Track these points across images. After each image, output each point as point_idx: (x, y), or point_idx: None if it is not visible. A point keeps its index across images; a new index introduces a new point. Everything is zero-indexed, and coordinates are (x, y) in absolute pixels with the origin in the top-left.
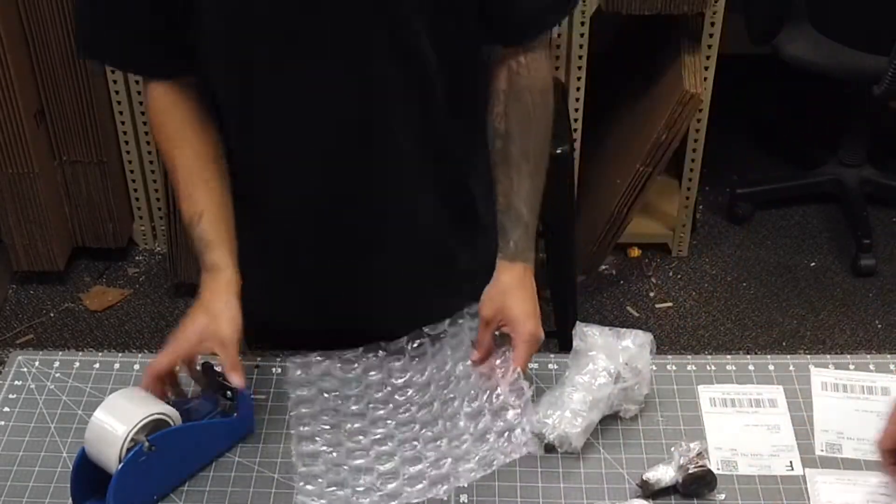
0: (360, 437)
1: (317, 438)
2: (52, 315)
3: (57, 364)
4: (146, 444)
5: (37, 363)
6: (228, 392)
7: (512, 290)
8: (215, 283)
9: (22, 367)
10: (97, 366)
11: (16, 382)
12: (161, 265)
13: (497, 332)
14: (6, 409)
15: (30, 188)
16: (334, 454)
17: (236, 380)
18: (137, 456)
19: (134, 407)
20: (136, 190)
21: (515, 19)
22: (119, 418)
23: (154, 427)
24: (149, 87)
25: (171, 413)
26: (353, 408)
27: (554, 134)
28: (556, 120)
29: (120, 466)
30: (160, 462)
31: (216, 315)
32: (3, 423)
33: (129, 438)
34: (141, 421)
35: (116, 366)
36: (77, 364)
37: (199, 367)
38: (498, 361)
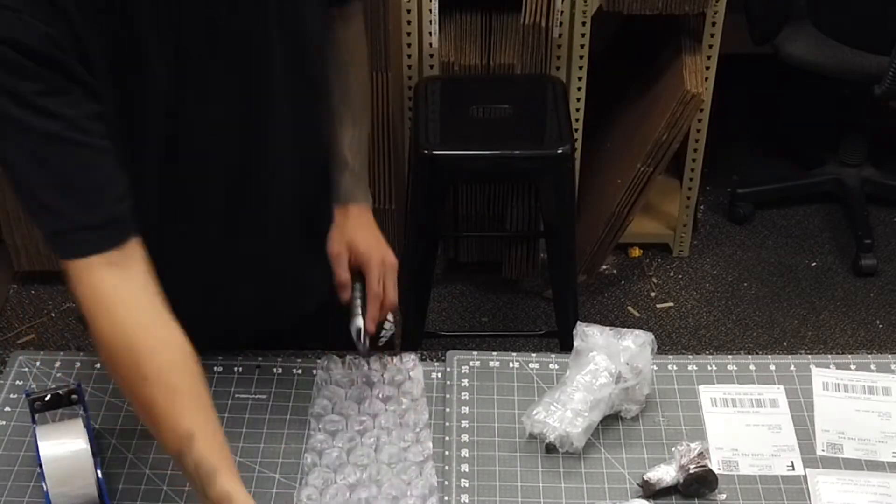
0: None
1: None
2: (53, 315)
3: (58, 364)
4: None
5: (38, 363)
6: None
7: (352, 230)
8: None
9: (23, 367)
10: (98, 366)
11: (17, 382)
12: None
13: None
14: (7, 409)
15: None
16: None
17: None
18: None
19: None
20: None
21: None
22: None
23: None
24: (107, 278)
25: None
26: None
27: (554, 134)
28: (556, 119)
29: None
30: None
31: None
32: (4, 423)
33: None
34: None
35: None
36: (78, 364)
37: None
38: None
